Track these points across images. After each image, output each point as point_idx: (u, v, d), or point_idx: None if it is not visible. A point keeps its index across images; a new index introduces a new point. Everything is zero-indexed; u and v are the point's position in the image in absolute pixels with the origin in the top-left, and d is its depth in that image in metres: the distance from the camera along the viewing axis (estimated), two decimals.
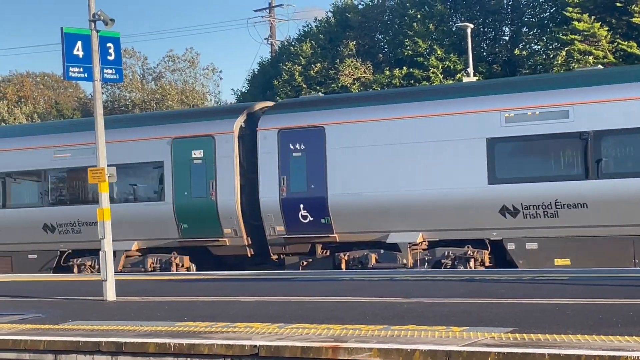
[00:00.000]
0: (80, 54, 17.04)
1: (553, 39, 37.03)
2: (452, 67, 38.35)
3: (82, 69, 17.15)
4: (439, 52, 38.53)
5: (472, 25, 36.75)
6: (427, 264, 22.46)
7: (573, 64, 34.68)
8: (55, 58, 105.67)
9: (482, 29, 40.77)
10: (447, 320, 11.94)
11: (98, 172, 17.51)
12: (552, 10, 38.68)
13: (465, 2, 40.27)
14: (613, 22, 35.53)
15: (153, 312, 14.93)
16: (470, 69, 35.56)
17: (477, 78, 34.93)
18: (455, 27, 39.41)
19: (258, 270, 23.77)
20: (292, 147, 23.74)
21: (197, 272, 24.60)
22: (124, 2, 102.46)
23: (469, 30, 36.14)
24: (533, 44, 39.27)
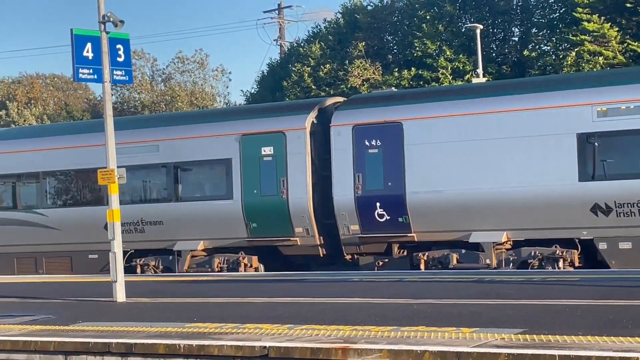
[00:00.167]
0: (90, 56, 17.08)
1: (563, 40, 36.95)
2: (461, 68, 38.29)
3: (91, 71, 17.19)
4: (448, 53, 38.48)
5: (481, 26, 36.69)
6: (511, 265, 21.80)
7: (583, 65, 34.62)
8: (65, 60, 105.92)
9: (491, 30, 40.70)
10: (457, 321, 11.93)
11: (108, 173, 17.50)
12: (561, 11, 38.60)
13: (475, 3, 40.21)
14: (623, 22, 35.44)
15: (163, 313, 14.95)
16: (480, 70, 35.50)
17: (486, 79, 34.87)
18: (465, 28, 39.34)
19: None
20: (367, 143, 23.04)
21: (205, 273, 24.50)
22: (134, 3, 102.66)
23: (479, 31, 36.09)
24: (543, 45, 39.19)
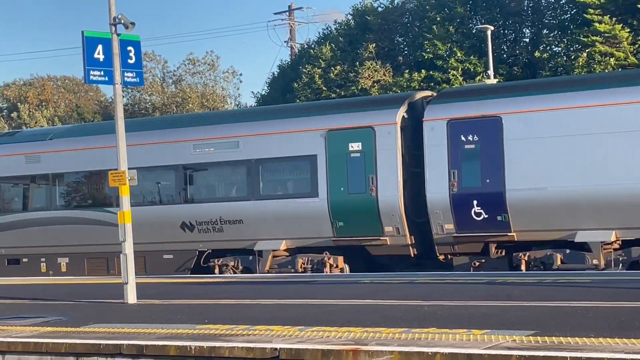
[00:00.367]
0: (101, 58, 17.11)
1: (574, 41, 36.87)
2: (472, 69, 38.24)
3: (102, 73, 17.22)
4: (459, 54, 38.44)
5: (492, 28, 36.60)
6: (620, 266, 20.89)
7: (594, 66, 34.54)
8: (76, 61, 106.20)
9: (502, 31, 40.63)
10: (468, 323, 11.91)
11: (119, 175, 17.50)
12: (572, 12, 38.50)
13: (485, 4, 40.15)
14: (634, 23, 35.34)
15: (174, 314, 14.96)
16: (491, 71, 35.43)
17: (497, 80, 34.83)
18: (475, 29, 39.29)
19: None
20: (463, 138, 22.13)
21: (216, 275, 24.46)
22: (145, 5, 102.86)
23: (489, 33, 36.01)
24: (554, 46, 39.10)
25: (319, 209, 23.45)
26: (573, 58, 36.17)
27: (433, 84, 38.11)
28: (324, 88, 41.13)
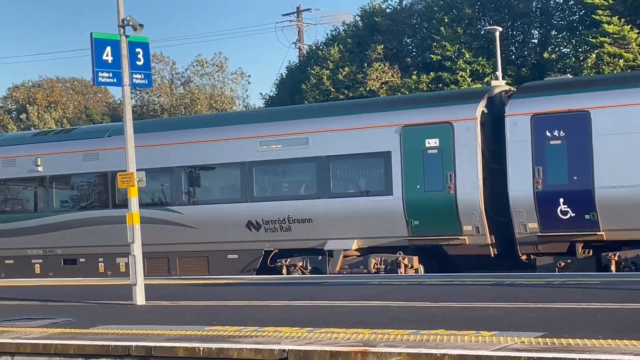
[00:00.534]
0: (110, 59, 17.14)
1: (582, 42, 36.82)
2: (480, 70, 38.21)
3: (111, 74, 17.25)
4: (468, 55, 38.41)
5: (500, 29, 36.56)
6: None
7: (603, 67, 34.48)
8: (85, 63, 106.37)
9: (510, 32, 40.59)
10: (476, 325, 11.89)
11: (127, 176, 17.54)
12: (581, 13, 38.45)
13: (494, 5, 40.11)
14: None
15: (182, 316, 14.98)
16: (499, 72, 35.34)
17: (505, 82, 34.79)
18: (484, 30, 39.28)
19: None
20: (548, 134, 21.35)
21: (225, 276, 24.42)
22: (153, 7, 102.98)
23: (498, 34, 35.97)
24: (562, 47, 39.05)
25: (393, 208, 22.80)
26: (582, 59, 36.12)
27: (441, 86, 38.09)
28: (332, 89, 41.14)
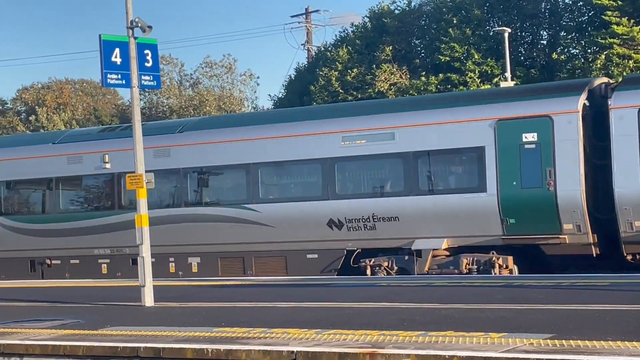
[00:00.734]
0: (118, 61, 17.17)
1: (591, 43, 36.77)
2: (489, 71, 38.20)
3: (120, 76, 17.27)
4: (476, 56, 38.40)
5: (509, 30, 36.56)
6: None
7: (612, 68, 34.42)
8: (94, 65, 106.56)
9: (519, 33, 40.56)
10: (485, 326, 11.88)
11: (136, 178, 17.54)
12: (590, 14, 38.40)
13: (503, 6, 40.09)
14: None
15: (191, 317, 14.99)
16: (508, 74, 35.38)
17: (514, 83, 34.74)
18: (493, 31, 39.26)
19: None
20: None
21: (233, 277, 24.42)
22: (162, 9, 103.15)
23: (507, 35, 35.97)
24: (571, 48, 39.01)
25: (487, 205, 21.90)
26: (591, 60, 36.07)
27: (450, 87, 38.08)
28: (341, 91, 41.16)
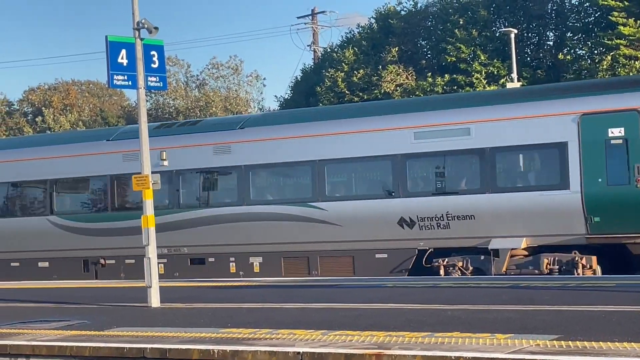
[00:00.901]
0: (125, 62, 17.18)
1: (598, 44, 36.74)
2: (495, 72, 38.20)
3: (126, 77, 17.28)
4: (483, 57, 38.39)
5: (515, 31, 36.56)
6: None
7: (618, 69, 34.38)
8: (100, 66, 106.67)
9: (526, 34, 40.57)
10: (491, 327, 11.86)
11: (142, 179, 17.54)
12: (596, 15, 38.39)
13: (509, 7, 40.09)
14: None
15: (197, 318, 14.99)
16: (514, 75, 35.38)
17: (520, 84, 34.72)
18: (499, 32, 39.26)
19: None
20: None
21: (239, 278, 24.43)
22: (168, 10, 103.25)
23: (513, 36, 35.96)
24: (578, 49, 39.00)
25: (570, 203, 21.11)
26: (597, 61, 36.05)
27: (456, 88, 38.06)
28: (347, 92, 41.18)
